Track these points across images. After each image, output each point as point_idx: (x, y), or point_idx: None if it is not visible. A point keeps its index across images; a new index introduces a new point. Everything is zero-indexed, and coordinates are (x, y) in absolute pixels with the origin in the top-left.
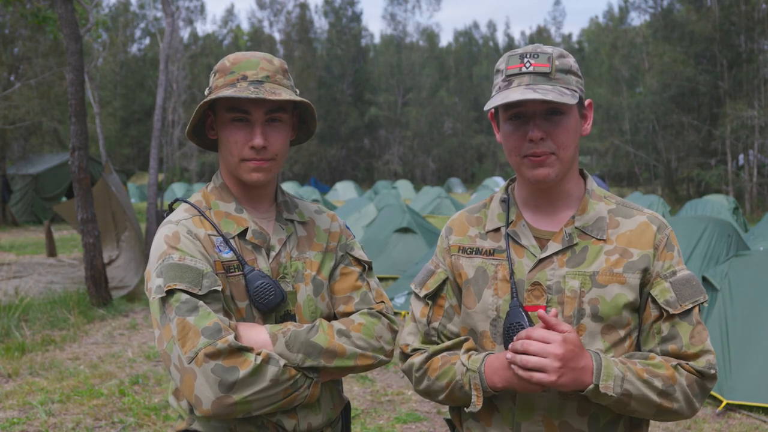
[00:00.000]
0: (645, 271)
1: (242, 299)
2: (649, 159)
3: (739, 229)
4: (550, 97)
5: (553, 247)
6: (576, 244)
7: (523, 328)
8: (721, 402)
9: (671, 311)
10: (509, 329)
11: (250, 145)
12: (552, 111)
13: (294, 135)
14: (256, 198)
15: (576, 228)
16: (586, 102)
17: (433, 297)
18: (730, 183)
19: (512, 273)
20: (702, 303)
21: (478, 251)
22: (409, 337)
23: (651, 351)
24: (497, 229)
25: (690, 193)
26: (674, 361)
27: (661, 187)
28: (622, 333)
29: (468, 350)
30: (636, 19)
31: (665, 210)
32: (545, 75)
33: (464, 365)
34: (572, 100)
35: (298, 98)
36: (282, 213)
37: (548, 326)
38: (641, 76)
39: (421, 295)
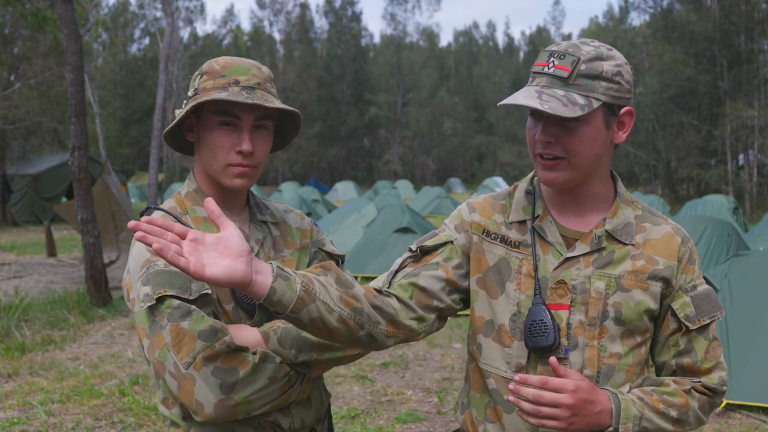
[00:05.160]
0: (667, 283)
1: (228, 302)
2: (649, 159)
3: (739, 229)
4: (546, 107)
5: (581, 248)
6: (604, 248)
7: (546, 326)
8: (721, 402)
9: (690, 326)
10: (531, 326)
11: (237, 149)
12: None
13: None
14: (231, 202)
15: (606, 231)
16: (623, 109)
17: (426, 252)
18: (730, 183)
19: (536, 269)
20: (718, 318)
21: (503, 240)
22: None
23: (665, 363)
24: (522, 222)
25: (690, 193)
26: (688, 385)
27: (661, 187)
28: (638, 339)
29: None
30: (636, 19)
31: (665, 210)
32: (563, 80)
33: None
34: (574, 113)
35: (290, 108)
36: (255, 215)
37: (559, 375)
38: (641, 76)
39: (413, 248)
